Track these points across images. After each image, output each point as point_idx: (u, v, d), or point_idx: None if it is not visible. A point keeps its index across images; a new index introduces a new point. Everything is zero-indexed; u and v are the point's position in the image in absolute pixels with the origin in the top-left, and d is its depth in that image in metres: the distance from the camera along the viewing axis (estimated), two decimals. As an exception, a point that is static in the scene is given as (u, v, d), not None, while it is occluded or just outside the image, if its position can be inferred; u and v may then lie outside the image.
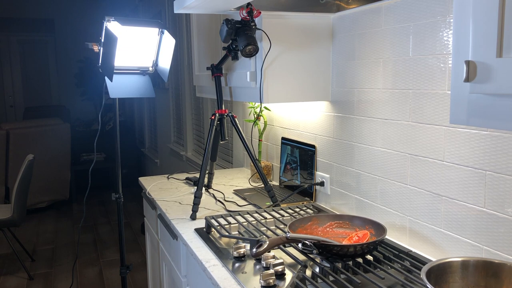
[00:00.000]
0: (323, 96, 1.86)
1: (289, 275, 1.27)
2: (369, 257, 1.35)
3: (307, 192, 2.03)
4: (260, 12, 1.68)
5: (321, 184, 1.94)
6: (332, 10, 1.76)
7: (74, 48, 7.93)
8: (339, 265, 1.29)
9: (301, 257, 1.37)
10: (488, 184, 1.20)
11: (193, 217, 1.79)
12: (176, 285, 1.94)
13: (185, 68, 4.27)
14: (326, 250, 1.29)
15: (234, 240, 1.53)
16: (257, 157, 2.45)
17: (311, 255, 1.34)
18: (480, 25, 0.77)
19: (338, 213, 1.80)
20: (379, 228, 1.40)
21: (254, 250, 1.28)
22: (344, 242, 1.37)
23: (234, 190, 2.22)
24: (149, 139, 6.47)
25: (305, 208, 1.84)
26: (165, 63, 2.22)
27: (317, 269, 1.28)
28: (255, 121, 2.41)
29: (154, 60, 2.30)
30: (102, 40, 2.09)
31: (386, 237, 1.52)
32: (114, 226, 4.92)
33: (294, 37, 1.77)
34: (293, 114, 2.17)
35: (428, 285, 0.95)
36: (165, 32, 2.19)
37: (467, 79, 0.79)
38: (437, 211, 1.37)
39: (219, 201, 2.05)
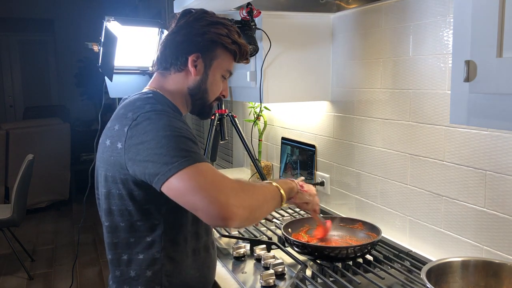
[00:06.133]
0: (323, 96, 1.85)
1: (289, 275, 1.27)
2: (369, 257, 1.35)
3: (307, 192, 2.02)
4: (260, 12, 1.67)
5: (321, 184, 1.94)
6: (332, 10, 1.76)
7: (74, 48, 7.90)
8: (339, 265, 1.29)
9: (301, 257, 1.37)
10: (488, 184, 1.20)
11: (193, 217, 1.78)
12: (176, 285, 1.94)
13: (185, 68, 4.26)
14: (318, 252, 1.29)
15: (234, 240, 1.53)
16: (257, 157, 2.45)
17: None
18: (480, 25, 0.77)
19: (338, 213, 1.80)
20: (374, 230, 1.40)
21: None
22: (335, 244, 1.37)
23: (234, 190, 2.21)
24: (149, 139, 6.45)
25: (305, 208, 1.84)
26: (165, 63, 2.22)
27: (317, 269, 1.28)
28: (255, 121, 2.40)
29: (154, 60, 2.29)
30: (102, 40, 2.09)
31: (387, 237, 1.52)
32: (114, 226, 4.91)
33: (294, 37, 1.77)
34: (293, 114, 2.17)
35: (428, 285, 0.95)
36: (165, 32, 2.19)
37: (467, 79, 0.79)
38: (437, 211, 1.37)
39: (219, 201, 2.05)
